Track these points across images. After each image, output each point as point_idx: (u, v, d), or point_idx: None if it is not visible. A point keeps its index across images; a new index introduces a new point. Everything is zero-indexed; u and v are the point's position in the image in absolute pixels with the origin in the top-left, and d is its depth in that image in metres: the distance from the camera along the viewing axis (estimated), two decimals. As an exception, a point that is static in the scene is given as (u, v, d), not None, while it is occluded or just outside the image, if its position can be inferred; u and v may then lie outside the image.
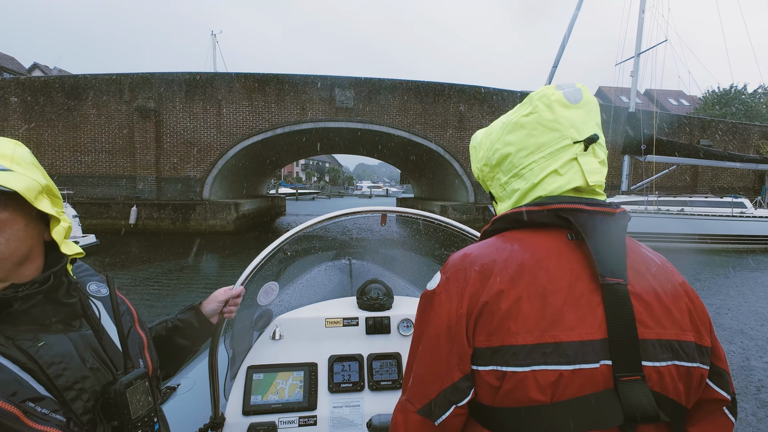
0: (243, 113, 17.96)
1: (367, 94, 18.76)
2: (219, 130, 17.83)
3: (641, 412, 0.63)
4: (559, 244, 0.72)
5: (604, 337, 0.65)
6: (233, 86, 17.85)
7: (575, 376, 0.63)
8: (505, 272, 0.69)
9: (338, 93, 18.53)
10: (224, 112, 17.82)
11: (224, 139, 17.87)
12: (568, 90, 0.78)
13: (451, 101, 19.31)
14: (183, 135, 17.62)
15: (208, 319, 1.17)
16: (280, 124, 18.20)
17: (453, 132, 19.40)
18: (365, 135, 20.54)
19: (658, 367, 0.66)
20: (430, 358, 0.71)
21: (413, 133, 19.11)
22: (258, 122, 18.09)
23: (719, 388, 0.73)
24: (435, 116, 19.30)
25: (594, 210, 0.73)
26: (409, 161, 25.22)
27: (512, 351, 0.65)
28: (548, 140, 0.77)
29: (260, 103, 18.07)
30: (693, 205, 15.86)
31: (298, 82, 18.29)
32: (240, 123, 17.97)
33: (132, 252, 13.52)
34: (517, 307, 0.66)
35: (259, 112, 18.06)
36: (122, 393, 0.74)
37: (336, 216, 1.55)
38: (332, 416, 1.47)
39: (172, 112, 17.50)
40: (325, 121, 18.56)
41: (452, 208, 18.76)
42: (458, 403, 0.68)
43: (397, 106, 18.99)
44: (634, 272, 0.70)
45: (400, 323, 1.68)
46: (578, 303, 0.66)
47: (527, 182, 0.79)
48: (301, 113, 18.36)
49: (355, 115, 18.74)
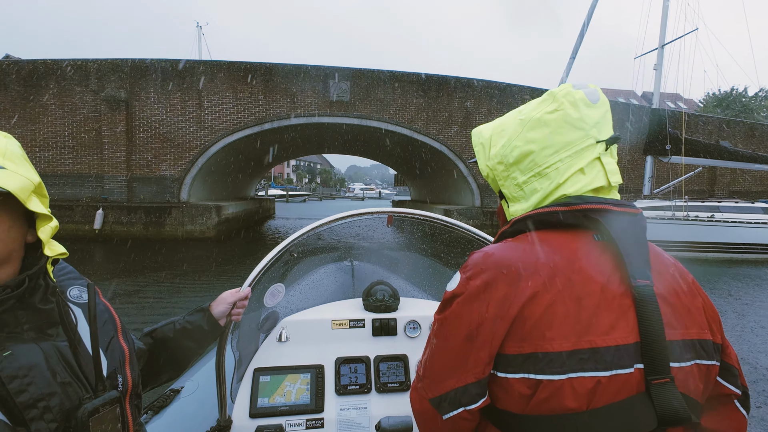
0: (226, 106, 16.12)
1: (365, 86, 17.05)
2: (199, 124, 15.95)
3: (673, 415, 0.62)
4: (587, 246, 0.71)
5: (636, 340, 0.64)
6: (216, 76, 16.00)
7: (611, 383, 0.62)
8: (537, 275, 0.67)
9: (333, 85, 16.79)
10: (205, 104, 15.95)
11: (205, 135, 16.00)
12: (587, 90, 0.78)
13: (456, 96, 17.69)
14: (158, 129, 15.69)
15: (217, 321, 1.17)
16: (268, 118, 16.38)
17: (458, 130, 17.78)
18: (361, 132, 18.82)
19: (684, 368, 0.66)
20: (446, 356, 0.70)
21: (415, 131, 17.44)
22: (243, 116, 16.26)
23: (727, 383, 0.74)
24: (439, 112, 17.66)
25: (621, 210, 0.72)
26: (408, 161, 23.54)
27: (548, 358, 0.62)
28: (574, 139, 0.76)
29: (246, 95, 16.24)
30: (723, 211, 14.41)
31: (289, 72, 16.51)
32: (223, 117, 16.12)
33: (93, 262, 11.60)
34: (551, 311, 0.64)
35: (244, 106, 16.23)
36: (84, 422, 0.67)
37: (344, 217, 1.52)
38: (339, 419, 1.45)
39: (146, 104, 15.58)
40: (318, 116, 16.80)
41: (458, 212, 17.11)
42: (467, 406, 0.67)
43: (398, 100, 17.31)
44: (656, 273, 0.70)
45: (407, 325, 1.67)
46: (611, 306, 0.65)
47: (551, 182, 0.76)
48: (292, 107, 16.57)
49: (351, 109, 17.01)
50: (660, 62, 15.34)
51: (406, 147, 19.92)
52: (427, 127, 17.56)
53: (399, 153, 22.70)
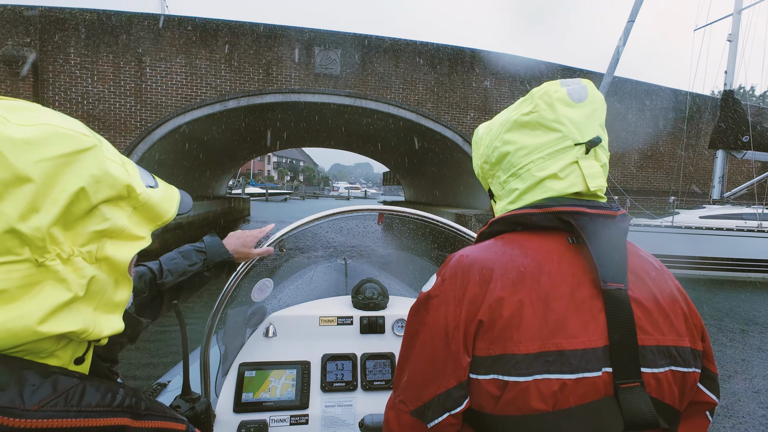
0: (177, 76, 12.19)
1: (360, 57, 13.37)
2: (139, 98, 11.98)
3: (641, 419, 0.62)
4: (560, 248, 0.71)
5: (605, 344, 0.64)
6: (163, 36, 12.06)
7: (578, 385, 0.62)
8: (505, 277, 0.67)
9: (319, 54, 13.05)
10: (148, 72, 11.99)
11: (148, 113, 12.04)
12: (572, 87, 0.75)
13: (474, 74, 14.19)
14: (80, 103, 11.66)
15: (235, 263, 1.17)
16: (234, 94, 12.53)
17: (475, 115, 14.28)
18: (353, 116, 15.11)
19: (657, 374, 0.65)
20: (425, 362, 0.69)
21: (422, 115, 13.85)
22: (200, 90, 12.36)
23: (710, 392, 0.73)
24: (452, 93, 14.12)
25: (596, 213, 0.71)
26: (408, 155, 19.95)
27: (514, 360, 0.63)
28: (548, 141, 0.74)
29: (203, 62, 12.35)
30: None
31: (262, 35, 12.69)
32: (172, 90, 12.18)
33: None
34: (519, 314, 0.64)
35: (201, 76, 12.34)
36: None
37: (333, 214, 1.50)
38: (324, 415, 1.44)
39: (64, 68, 11.53)
40: (299, 93, 13.03)
41: (476, 218, 13.61)
42: (451, 410, 0.66)
43: (401, 76, 13.69)
44: (634, 277, 0.69)
45: (395, 323, 1.66)
46: (580, 309, 0.65)
47: (525, 183, 0.76)
48: (265, 81, 12.76)
49: (342, 86, 13.31)
50: (736, 31, 12.15)
51: (408, 136, 16.31)
52: (437, 110, 13.99)
53: (396, 144, 19.07)
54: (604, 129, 0.76)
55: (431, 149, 16.72)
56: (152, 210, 0.51)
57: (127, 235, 0.47)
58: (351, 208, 1.55)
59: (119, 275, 0.47)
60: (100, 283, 0.44)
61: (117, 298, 0.47)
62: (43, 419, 0.36)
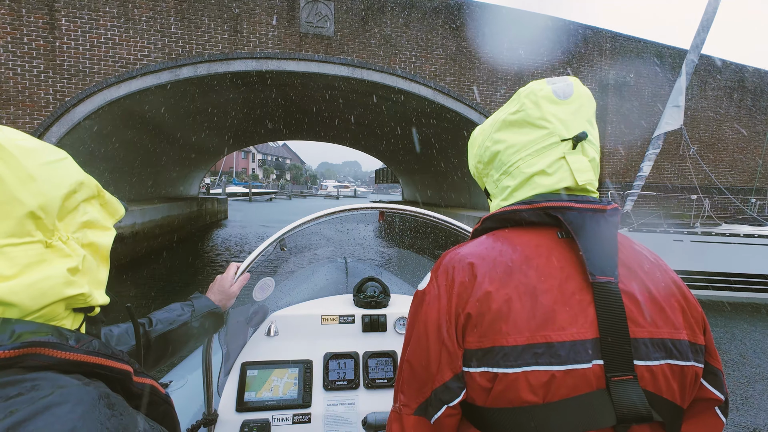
0: (107, 31, 8.77)
1: (359, 13, 10.12)
2: (52, 62, 8.53)
3: (634, 413, 0.62)
4: (549, 243, 0.71)
5: (595, 336, 0.64)
6: (86, -26, 8.61)
7: (567, 377, 0.62)
8: (493, 271, 0.68)
9: (306, 7, 9.76)
10: (64, 25, 8.55)
11: (65, 83, 8.60)
12: (558, 85, 0.77)
13: (505, 38, 11.05)
14: (-40, 66, 8.15)
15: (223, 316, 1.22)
16: (189, 58, 9.16)
17: (506, 92, 11.17)
18: (351, 95, 11.86)
19: (651, 367, 0.65)
20: (422, 358, 0.70)
21: (440, 91, 10.67)
22: (141, 51, 8.95)
23: (713, 388, 0.72)
24: (477, 63, 10.97)
25: (584, 208, 0.72)
26: (410, 147, 16.73)
27: (503, 352, 0.64)
28: (535, 138, 0.76)
29: (145, 12, 8.94)
30: None
31: (227, -21, 9.33)
32: (100, 51, 8.76)
33: None
34: (507, 307, 0.65)
35: (142, 33, 8.94)
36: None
37: (334, 212, 1.51)
38: (327, 414, 1.43)
39: (-66, 15, 8.02)
40: (279, 59, 9.72)
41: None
42: (449, 403, 0.67)
43: (413, 40, 10.49)
44: (626, 270, 0.70)
45: (397, 321, 1.66)
46: (569, 302, 0.65)
47: (515, 180, 0.78)
48: (233, 40, 9.41)
49: (336, 50, 10.04)
50: None
51: (417, 120, 13.11)
52: (459, 86, 10.83)
53: (399, 133, 15.84)
54: (593, 125, 0.78)
55: (444, 137, 13.55)
56: (113, 206, 0.63)
57: (101, 226, 0.60)
58: (352, 206, 1.54)
59: (101, 258, 0.59)
60: (90, 262, 0.56)
61: (101, 276, 0.59)
62: (85, 354, 0.48)
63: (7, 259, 0.46)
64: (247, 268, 1.30)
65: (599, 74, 11.73)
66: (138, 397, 0.54)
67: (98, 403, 0.42)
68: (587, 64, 11.67)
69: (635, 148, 11.85)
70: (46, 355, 0.44)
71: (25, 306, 0.46)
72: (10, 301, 0.45)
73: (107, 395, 0.44)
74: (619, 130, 11.84)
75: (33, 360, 0.43)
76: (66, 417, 0.39)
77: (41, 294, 0.48)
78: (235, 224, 21.94)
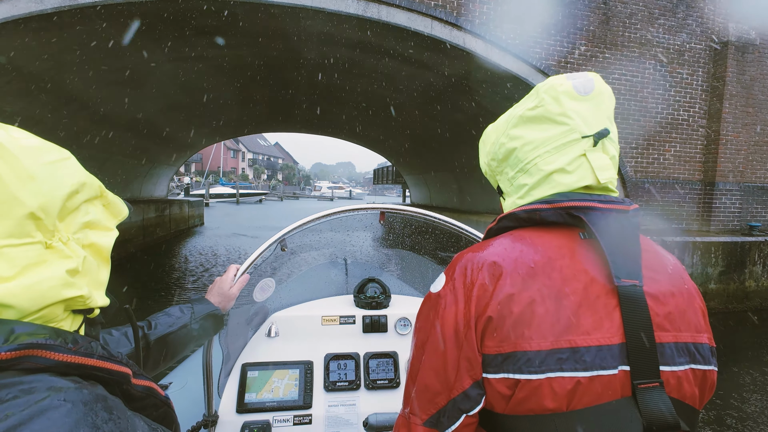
0: None
1: None
2: None
3: (661, 421, 0.60)
4: (572, 244, 0.69)
5: (621, 341, 0.62)
6: None
7: (593, 384, 0.60)
8: (515, 273, 0.65)
9: None
10: None
11: None
12: (578, 80, 0.75)
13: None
14: None
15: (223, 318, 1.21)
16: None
17: (586, 50, 7.61)
18: (355, 55, 8.21)
19: (677, 372, 0.64)
20: (437, 365, 0.67)
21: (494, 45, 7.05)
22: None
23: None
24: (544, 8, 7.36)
25: (607, 208, 0.69)
26: (428, 136, 13.04)
27: (526, 357, 0.61)
28: (555, 134, 0.73)
29: None
30: None
31: None
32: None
33: None
34: (530, 310, 0.63)
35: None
36: None
37: (335, 213, 1.50)
38: (327, 415, 1.43)
39: None
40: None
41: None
42: (469, 412, 0.64)
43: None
44: (650, 273, 0.68)
45: (397, 322, 1.66)
46: (594, 306, 0.63)
47: (533, 178, 0.75)
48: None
49: (337, -26, 6.35)
50: None
51: (452, 91, 9.50)
52: (519, 37, 7.23)
53: (415, 117, 12.19)
54: (613, 121, 0.76)
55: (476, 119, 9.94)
56: (116, 207, 0.62)
57: (103, 227, 0.58)
58: (352, 207, 1.54)
59: (102, 259, 0.57)
60: (90, 263, 0.54)
61: (101, 277, 0.57)
62: (83, 357, 0.47)
63: (6, 260, 0.45)
64: (246, 270, 1.29)
65: (710, 27, 8.22)
66: (137, 399, 0.54)
67: (95, 407, 0.42)
68: (695, 10, 8.14)
69: (764, 134, 8.34)
70: (44, 357, 0.43)
71: (23, 308, 0.46)
72: (8, 303, 0.45)
73: (105, 398, 0.44)
74: (739, 108, 8.33)
75: (30, 362, 0.42)
76: (61, 421, 0.38)
77: (40, 296, 0.47)
78: (212, 232, 18.21)
